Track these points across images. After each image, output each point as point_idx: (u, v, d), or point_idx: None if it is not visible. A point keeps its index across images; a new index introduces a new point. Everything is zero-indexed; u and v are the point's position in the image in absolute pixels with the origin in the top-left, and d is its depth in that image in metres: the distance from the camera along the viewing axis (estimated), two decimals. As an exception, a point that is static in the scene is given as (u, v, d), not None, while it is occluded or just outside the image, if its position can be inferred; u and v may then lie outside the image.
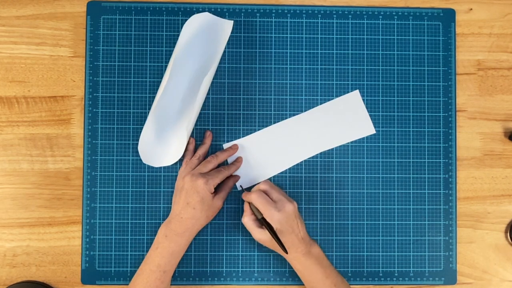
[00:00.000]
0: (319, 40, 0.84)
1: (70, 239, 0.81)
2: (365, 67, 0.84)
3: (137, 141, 0.81)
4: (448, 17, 0.85)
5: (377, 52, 0.84)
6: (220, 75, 0.83)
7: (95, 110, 0.82)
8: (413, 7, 0.85)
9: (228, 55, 0.83)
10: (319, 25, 0.84)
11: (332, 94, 0.84)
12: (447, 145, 0.84)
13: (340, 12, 0.84)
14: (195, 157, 0.80)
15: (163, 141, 0.81)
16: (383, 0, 0.85)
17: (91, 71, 0.82)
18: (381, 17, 0.84)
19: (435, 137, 0.84)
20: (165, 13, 0.83)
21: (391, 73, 0.84)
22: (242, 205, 0.82)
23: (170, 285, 0.76)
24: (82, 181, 0.82)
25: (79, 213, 0.82)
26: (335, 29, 0.84)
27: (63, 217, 0.82)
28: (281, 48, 0.84)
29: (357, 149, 0.83)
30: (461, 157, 0.84)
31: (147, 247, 0.81)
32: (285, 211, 0.73)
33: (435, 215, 0.83)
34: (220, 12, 0.83)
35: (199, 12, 0.82)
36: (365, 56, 0.84)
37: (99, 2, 0.83)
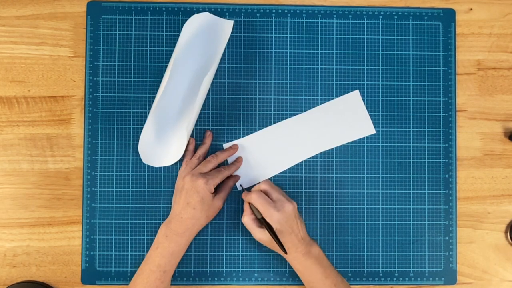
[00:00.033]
0: (319, 40, 0.84)
1: (70, 239, 0.81)
2: (365, 67, 0.84)
3: (137, 141, 0.81)
4: (448, 17, 0.85)
5: (377, 52, 0.84)
6: (220, 75, 0.83)
7: (95, 110, 0.82)
8: (413, 7, 0.85)
9: (228, 55, 0.83)
10: (319, 25, 0.84)
11: (332, 94, 0.84)
12: (447, 145, 0.84)
13: (340, 12, 0.84)
14: (195, 157, 0.80)
15: (163, 141, 0.81)
16: (383, 0, 0.85)
17: (91, 71, 0.82)
18: (381, 17, 0.84)
19: (435, 137, 0.84)
20: (165, 13, 0.83)
21: (391, 73, 0.84)
22: (242, 205, 0.82)
23: (170, 285, 0.76)
24: (82, 181, 0.82)
25: (79, 213, 0.82)
26: (335, 29, 0.84)
27: (63, 217, 0.82)
28: (281, 48, 0.84)
29: (357, 149, 0.83)
30: (461, 157, 0.84)
31: (147, 247, 0.81)
32: (285, 211, 0.73)
33: (435, 215, 0.83)
34: (220, 12, 0.83)
35: (199, 12, 0.82)
36: (365, 56, 0.84)
37: (99, 2, 0.83)
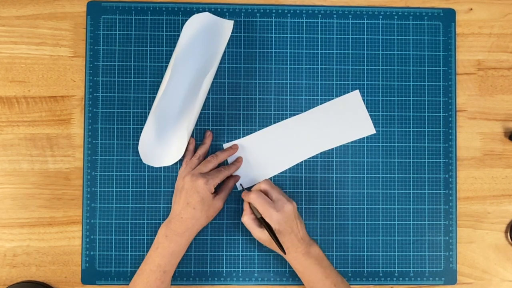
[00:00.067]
0: (319, 40, 0.84)
1: (70, 239, 0.81)
2: (365, 67, 0.84)
3: (137, 141, 0.81)
4: (448, 17, 0.85)
5: (377, 52, 0.84)
6: (220, 75, 0.83)
7: (95, 110, 0.82)
8: (413, 7, 0.85)
9: (228, 55, 0.83)
10: (319, 25, 0.84)
11: (332, 94, 0.84)
12: (447, 145, 0.84)
13: (340, 12, 0.84)
14: (195, 157, 0.80)
15: (163, 141, 0.81)
16: (383, 0, 0.85)
17: (91, 71, 0.82)
18: (381, 17, 0.84)
19: (435, 137, 0.84)
20: (165, 13, 0.83)
21: (391, 73, 0.84)
22: (242, 204, 0.82)
23: (170, 285, 0.76)
24: (82, 181, 0.82)
25: (79, 213, 0.82)
26: (335, 29, 0.84)
27: (63, 217, 0.82)
28: (281, 48, 0.84)
29: (357, 149, 0.83)
30: (461, 157, 0.84)
31: (147, 247, 0.81)
32: (284, 211, 0.73)
33: (435, 215, 0.83)
34: (220, 12, 0.83)
35: (199, 12, 0.82)
36: (365, 56, 0.84)
37: (99, 2, 0.83)
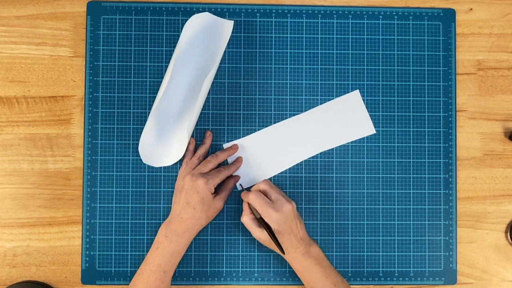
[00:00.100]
0: (319, 40, 0.84)
1: (70, 239, 0.81)
2: (365, 67, 0.84)
3: (137, 141, 0.81)
4: (448, 17, 0.85)
5: (377, 52, 0.84)
6: (220, 75, 0.83)
7: (95, 110, 0.82)
8: (413, 7, 0.85)
9: (228, 55, 0.83)
10: (319, 25, 0.84)
11: (332, 94, 0.84)
12: (447, 145, 0.84)
13: (340, 12, 0.84)
14: (195, 157, 0.80)
15: (163, 141, 0.81)
16: (383, 0, 0.85)
17: (91, 71, 0.82)
18: (381, 17, 0.84)
19: (435, 137, 0.84)
20: (165, 13, 0.83)
21: (391, 73, 0.84)
22: (242, 204, 0.82)
23: (170, 285, 0.76)
24: (82, 181, 0.82)
25: (79, 213, 0.82)
26: (335, 29, 0.84)
27: (63, 217, 0.82)
28: (281, 48, 0.84)
29: (357, 149, 0.83)
30: (461, 157, 0.84)
31: (147, 247, 0.81)
32: (283, 211, 0.73)
33: (435, 215, 0.83)
34: (220, 12, 0.83)
35: (199, 12, 0.82)
36: (365, 56, 0.84)
37: (99, 2, 0.83)
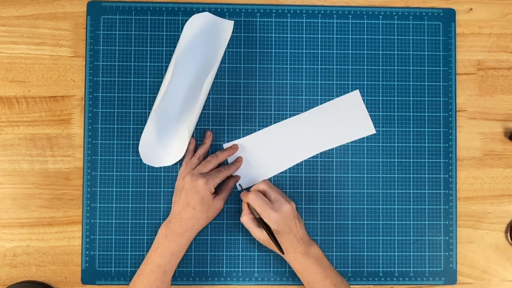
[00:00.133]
0: (319, 40, 0.84)
1: (70, 239, 0.81)
2: (365, 67, 0.84)
3: (137, 141, 0.81)
4: (448, 17, 0.85)
5: (377, 52, 0.84)
6: (220, 75, 0.83)
7: (95, 110, 0.82)
8: (413, 7, 0.85)
9: (228, 55, 0.83)
10: (319, 25, 0.84)
11: (332, 94, 0.84)
12: (447, 145, 0.84)
13: (340, 12, 0.84)
14: (195, 157, 0.80)
15: (164, 142, 0.81)
16: (383, 0, 0.85)
17: (91, 71, 0.82)
18: (381, 17, 0.84)
19: (435, 137, 0.84)
20: (165, 13, 0.83)
21: (391, 73, 0.84)
22: (241, 204, 0.82)
23: (170, 285, 0.76)
24: (82, 181, 0.82)
25: (79, 213, 0.82)
26: (335, 29, 0.84)
27: (63, 217, 0.82)
28: (281, 48, 0.84)
29: (357, 149, 0.83)
30: (461, 157, 0.84)
31: (147, 247, 0.81)
32: (282, 212, 0.73)
33: (435, 215, 0.83)
34: (220, 12, 0.83)
35: (199, 12, 0.82)
36: (365, 56, 0.84)
37: (99, 2, 0.83)
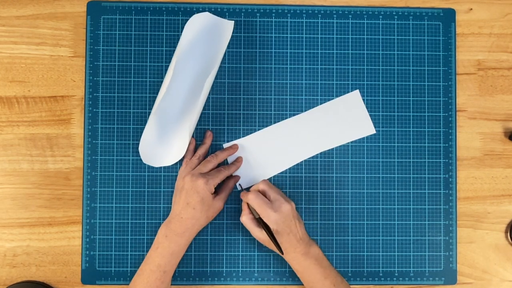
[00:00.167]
0: (319, 40, 0.84)
1: (70, 239, 0.81)
2: (365, 67, 0.84)
3: (137, 141, 0.81)
4: (448, 17, 0.85)
5: (377, 52, 0.84)
6: (220, 75, 0.83)
7: (95, 110, 0.82)
8: (413, 7, 0.85)
9: (228, 55, 0.83)
10: (319, 25, 0.84)
11: (332, 94, 0.84)
12: (447, 145, 0.84)
13: (340, 12, 0.84)
14: (195, 157, 0.80)
15: (164, 142, 0.81)
16: (383, 0, 0.85)
17: (91, 71, 0.82)
18: (381, 17, 0.84)
19: (435, 137, 0.84)
20: (165, 13, 0.83)
21: (391, 73, 0.84)
22: (241, 204, 0.82)
23: (170, 285, 0.76)
24: (82, 181, 0.82)
25: (79, 213, 0.81)
26: (335, 29, 0.84)
27: (63, 217, 0.82)
28: (281, 48, 0.84)
29: (357, 149, 0.83)
30: (461, 157, 0.84)
31: (147, 247, 0.81)
32: (282, 212, 0.73)
33: (435, 215, 0.83)
34: (220, 12, 0.83)
35: (199, 12, 0.82)
36: (365, 56, 0.84)
37: (99, 2, 0.83)
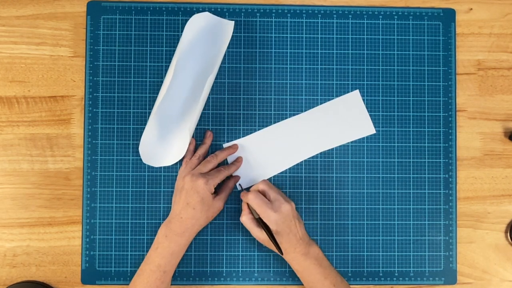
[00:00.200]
0: (319, 40, 0.84)
1: (70, 239, 0.81)
2: (365, 67, 0.84)
3: (137, 141, 0.81)
4: (448, 17, 0.85)
5: (377, 52, 0.84)
6: (220, 75, 0.83)
7: (95, 110, 0.82)
8: (413, 7, 0.85)
9: (228, 55, 0.83)
10: (319, 25, 0.84)
11: (332, 94, 0.84)
12: (447, 145, 0.84)
13: (340, 12, 0.84)
14: (195, 157, 0.80)
15: (164, 142, 0.81)
16: (383, 0, 0.85)
17: (91, 71, 0.82)
18: (381, 17, 0.84)
19: (435, 137, 0.84)
20: (165, 13, 0.83)
21: (391, 73, 0.84)
22: (241, 204, 0.82)
23: (170, 285, 0.76)
24: (82, 181, 0.82)
25: (79, 213, 0.82)
26: (335, 29, 0.84)
27: (63, 217, 0.82)
28: (281, 48, 0.84)
29: (357, 149, 0.83)
30: (461, 157, 0.84)
31: (147, 247, 0.81)
32: (282, 212, 0.73)
33: (435, 215, 0.83)
34: (220, 12, 0.83)
35: (199, 12, 0.82)
36: (365, 56, 0.84)
37: (99, 2, 0.83)
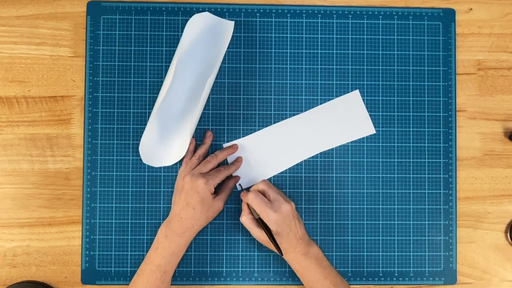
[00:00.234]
0: (319, 40, 0.84)
1: (70, 239, 0.81)
2: (365, 67, 0.84)
3: (137, 141, 0.81)
4: (448, 17, 0.85)
5: (377, 52, 0.84)
6: (220, 75, 0.83)
7: (95, 110, 0.82)
8: (413, 7, 0.85)
9: (228, 55, 0.83)
10: (319, 25, 0.84)
11: (332, 94, 0.84)
12: (447, 145, 0.84)
13: (340, 12, 0.84)
14: (195, 157, 0.80)
15: (165, 142, 0.81)
16: (383, 0, 0.85)
17: (91, 71, 0.82)
18: (381, 17, 0.84)
19: (435, 137, 0.84)
20: (165, 13, 0.83)
21: (391, 73, 0.84)
22: (241, 204, 0.82)
23: (170, 285, 0.76)
24: (82, 181, 0.82)
25: (79, 213, 0.82)
26: (335, 29, 0.84)
27: (63, 217, 0.82)
28: (281, 48, 0.84)
29: (357, 149, 0.83)
30: (461, 157, 0.84)
31: (147, 247, 0.81)
32: (282, 212, 0.73)
33: (435, 215, 0.83)
34: (220, 12, 0.83)
35: (199, 12, 0.82)
36: (365, 56, 0.84)
37: (99, 2, 0.83)
